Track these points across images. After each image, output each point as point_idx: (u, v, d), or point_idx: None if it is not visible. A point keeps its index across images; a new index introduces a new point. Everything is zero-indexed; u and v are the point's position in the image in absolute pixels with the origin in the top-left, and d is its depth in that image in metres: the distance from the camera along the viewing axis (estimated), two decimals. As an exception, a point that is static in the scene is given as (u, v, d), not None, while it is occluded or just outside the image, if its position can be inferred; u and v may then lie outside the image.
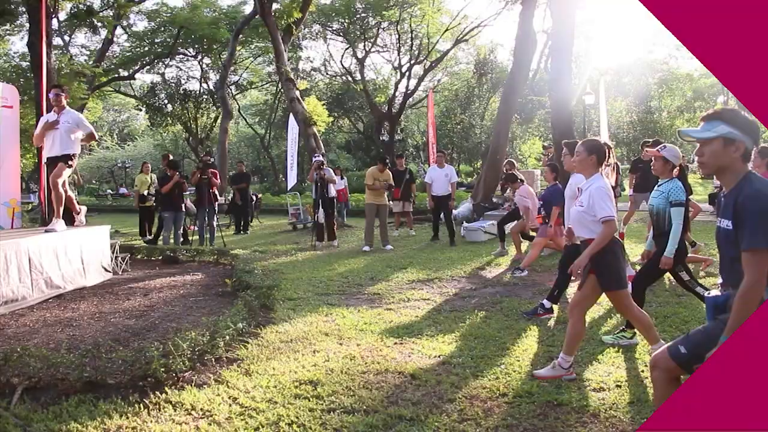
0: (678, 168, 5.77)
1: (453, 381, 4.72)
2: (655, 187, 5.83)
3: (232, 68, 33.89)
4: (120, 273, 9.60)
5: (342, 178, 19.53)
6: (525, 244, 10.93)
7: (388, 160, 13.28)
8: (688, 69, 54.96)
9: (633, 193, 11.04)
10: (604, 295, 4.90)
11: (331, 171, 14.80)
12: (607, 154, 4.81)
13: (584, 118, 28.68)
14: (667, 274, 6.36)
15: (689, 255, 7.71)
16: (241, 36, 28.82)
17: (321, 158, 14.38)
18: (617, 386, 4.58)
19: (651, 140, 10.46)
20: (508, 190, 12.83)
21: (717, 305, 2.93)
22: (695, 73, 56.35)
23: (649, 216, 5.91)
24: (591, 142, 4.87)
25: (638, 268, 6.71)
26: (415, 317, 6.87)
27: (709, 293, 3.05)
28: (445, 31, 34.86)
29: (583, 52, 40.88)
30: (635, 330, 5.56)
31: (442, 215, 13.25)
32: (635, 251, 9.88)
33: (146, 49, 35.31)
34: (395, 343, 5.82)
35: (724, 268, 2.96)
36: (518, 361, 5.22)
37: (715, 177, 3.12)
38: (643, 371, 4.91)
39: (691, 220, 7.69)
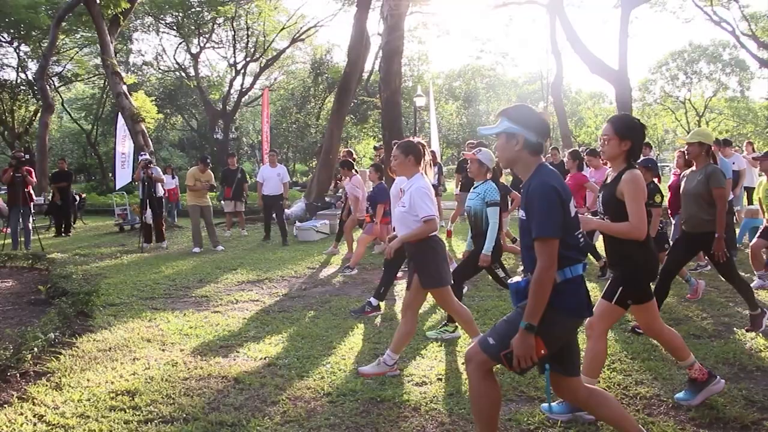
0: (491, 170, 6.05)
1: (277, 383, 4.69)
2: (472, 189, 6.09)
3: (54, 58, 31.61)
4: None
5: (173, 177, 18.88)
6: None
7: (209, 160, 12.92)
8: (513, 75, 58.25)
9: (459, 192, 11.48)
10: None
11: (159, 170, 14.23)
12: (423, 153, 4.91)
13: (416, 120, 29.49)
14: None
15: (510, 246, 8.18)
16: (64, 24, 26.91)
17: (148, 156, 13.81)
18: (438, 380, 4.74)
19: (475, 141, 10.92)
20: (341, 188, 12.85)
21: (519, 290, 3.07)
22: (520, 80, 59.86)
23: (467, 217, 6.15)
24: (406, 144, 4.95)
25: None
26: (242, 319, 6.76)
27: (511, 280, 3.20)
28: (282, 29, 34.64)
29: (416, 55, 42.11)
30: (457, 324, 5.80)
31: (274, 215, 13.14)
32: (462, 247, 10.28)
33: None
34: (221, 347, 5.70)
35: (524, 257, 3.12)
36: (344, 359, 5.28)
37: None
38: (463, 364, 5.10)
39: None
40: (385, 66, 16.75)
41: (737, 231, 10.83)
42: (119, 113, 20.30)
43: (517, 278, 3.17)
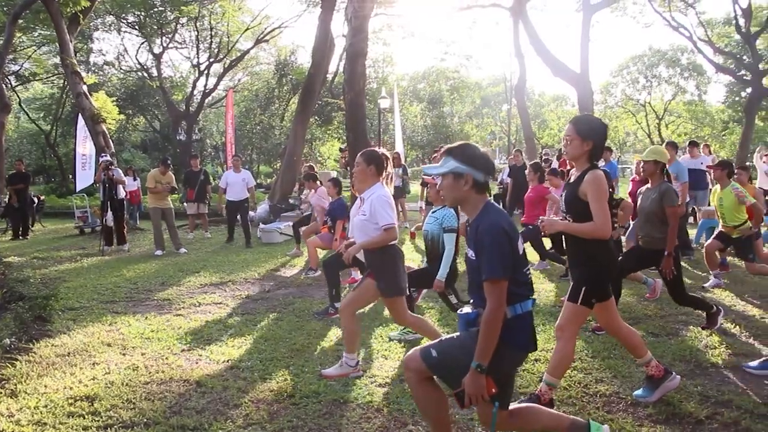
0: None
1: (240, 386, 4.67)
2: (430, 213, 6.09)
3: (10, 56, 30.91)
4: None
5: (135, 179, 18.63)
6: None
7: (170, 161, 12.79)
8: (477, 78, 58.67)
9: (424, 205, 11.52)
10: None
11: (120, 171, 14.03)
12: (385, 164, 4.92)
13: (380, 121, 29.52)
14: None
15: None
16: (21, 21, 26.28)
17: (109, 158, 13.61)
18: (401, 380, 4.74)
19: (439, 147, 10.97)
20: (304, 192, 12.82)
21: (468, 321, 3.13)
22: (483, 82, 60.34)
23: (424, 240, 6.15)
24: (370, 153, 4.95)
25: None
26: (205, 322, 6.70)
27: (461, 310, 3.24)
28: (246, 30, 34.31)
29: (380, 57, 42.13)
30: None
31: (238, 216, 13.06)
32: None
33: None
34: (183, 351, 5.65)
35: (473, 291, 3.16)
36: (307, 361, 5.27)
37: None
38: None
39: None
40: (349, 68, 16.75)
41: (693, 231, 11.07)
42: (79, 114, 19.95)
43: (467, 309, 3.21)
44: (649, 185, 6.17)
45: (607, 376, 4.76)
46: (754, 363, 4.90)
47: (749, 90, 31.42)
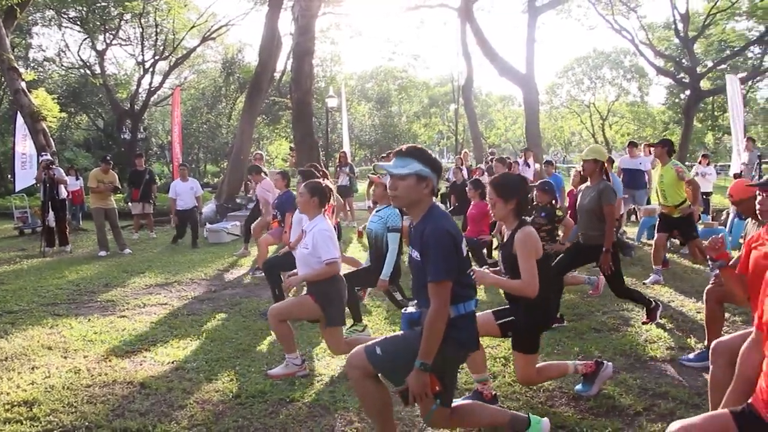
0: None
1: (185, 387, 4.62)
2: (374, 212, 6.12)
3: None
4: None
5: (78, 179, 18.20)
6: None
7: (110, 158, 12.53)
8: (424, 77, 59.03)
9: (372, 204, 11.54)
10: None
11: (62, 171, 13.69)
12: (329, 197, 4.94)
13: (328, 120, 29.49)
14: None
15: None
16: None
17: (50, 157, 13.28)
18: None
19: (388, 153, 10.99)
20: (251, 190, 12.65)
21: (412, 321, 3.21)
22: (431, 82, 60.72)
23: (368, 239, 6.17)
24: (314, 185, 4.94)
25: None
26: (150, 323, 6.60)
27: (405, 310, 3.30)
28: (192, 27, 33.84)
29: (328, 56, 42.08)
30: (365, 323, 5.85)
31: (189, 225, 12.90)
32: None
33: None
34: (127, 352, 5.56)
35: (417, 291, 3.21)
36: (254, 361, 5.24)
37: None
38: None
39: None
40: (296, 67, 16.72)
41: (634, 230, 11.36)
42: (18, 111, 19.42)
43: (411, 309, 3.28)
44: (588, 183, 6.31)
45: (550, 371, 4.85)
46: (690, 356, 5.07)
47: (688, 92, 32.37)
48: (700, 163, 15.03)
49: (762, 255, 3.27)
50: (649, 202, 12.43)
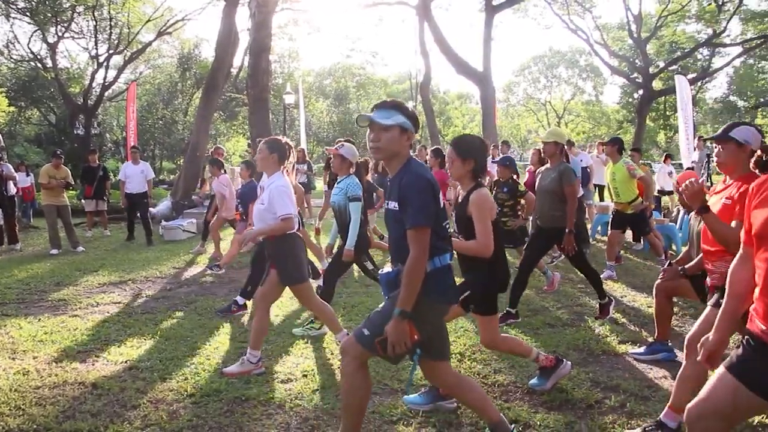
0: (355, 165, 6.11)
1: (139, 386, 4.56)
2: (336, 184, 6.13)
3: None
4: None
5: (28, 175, 17.78)
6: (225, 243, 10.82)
7: (61, 153, 12.26)
8: (383, 75, 59.10)
9: (326, 189, 11.53)
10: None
11: (10, 167, 13.36)
12: (288, 154, 4.94)
13: (285, 117, 29.33)
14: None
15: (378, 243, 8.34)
16: None
17: (-2, 153, 12.97)
18: (304, 376, 4.76)
19: (342, 139, 11.01)
20: (206, 185, 12.46)
21: (389, 280, 3.17)
22: (390, 79, 60.83)
23: (333, 212, 6.20)
24: (273, 141, 4.95)
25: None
26: (103, 323, 6.48)
27: (382, 270, 3.27)
28: (148, 21, 33.25)
29: (286, 52, 41.83)
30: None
31: (138, 214, 12.69)
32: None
33: None
34: (78, 352, 5.45)
35: (392, 246, 3.20)
36: (209, 360, 5.20)
37: None
38: (329, 359, 5.19)
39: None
40: (252, 63, 16.60)
41: (589, 227, 11.56)
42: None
43: (387, 268, 3.26)
44: (548, 165, 6.40)
45: (505, 367, 4.91)
46: (641, 349, 5.20)
47: (641, 92, 32.99)
48: (665, 161, 15.45)
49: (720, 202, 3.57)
50: (603, 199, 12.67)
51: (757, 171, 3.42)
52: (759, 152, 3.45)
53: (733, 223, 3.29)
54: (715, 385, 2.45)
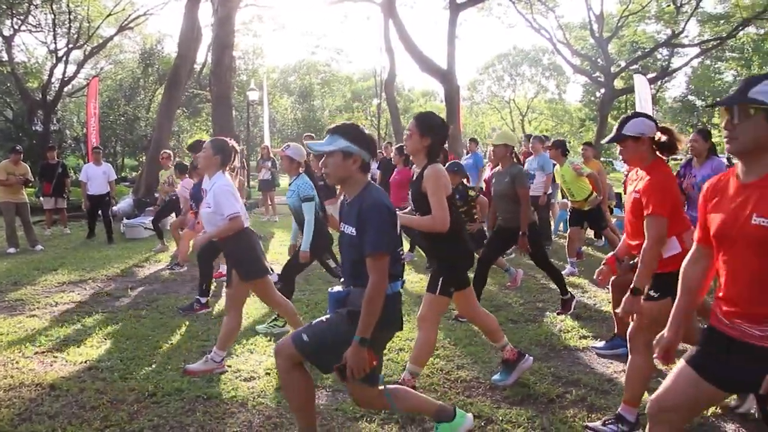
0: (304, 164, 6.09)
1: (98, 387, 4.49)
2: (289, 185, 6.11)
3: None
4: None
5: (-16, 172, 17.41)
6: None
7: (20, 148, 11.99)
8: (347, 72, 59.02)
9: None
10: None
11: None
12: (232, 157, 4.93)
13: (249, 114, 29.12)
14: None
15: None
16: None
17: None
18: (267, 374, 4.74)
19: (308, 134, 11.01)
20: (164, 184, 12.28)
21: (339, 299, 3.19)
22: (354, 76, 60.76)
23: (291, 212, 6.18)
24: (218, 142, 4.93)
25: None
26: (62, 323, 6.37)
27: (332, 289, 3.29)
28: (108, 15, 32.70)
29: (250, 49, 41.57)
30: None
31: (99, 212, 12.50)
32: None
33: None
34: (36, 353, 5.36)
35: (346, 270, 3.21)
36: (170, 359, 5.14)
37: None
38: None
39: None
40: (216, 59, 16.48)
41: (552, 223, 11.69)
42: None
43: (338, 288, 3.27)
44: (500, 168, 6.47)
45: (468, 363, 4.96)
46: (601, 344, 5.28)
47: (603, 91, 33.45)
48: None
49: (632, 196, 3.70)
50: (564, 197, 12.80)
51: (662, 154, 3.66)
52: (659, 135, 3.60)
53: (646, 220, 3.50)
54: (676, 379, 2.51)
